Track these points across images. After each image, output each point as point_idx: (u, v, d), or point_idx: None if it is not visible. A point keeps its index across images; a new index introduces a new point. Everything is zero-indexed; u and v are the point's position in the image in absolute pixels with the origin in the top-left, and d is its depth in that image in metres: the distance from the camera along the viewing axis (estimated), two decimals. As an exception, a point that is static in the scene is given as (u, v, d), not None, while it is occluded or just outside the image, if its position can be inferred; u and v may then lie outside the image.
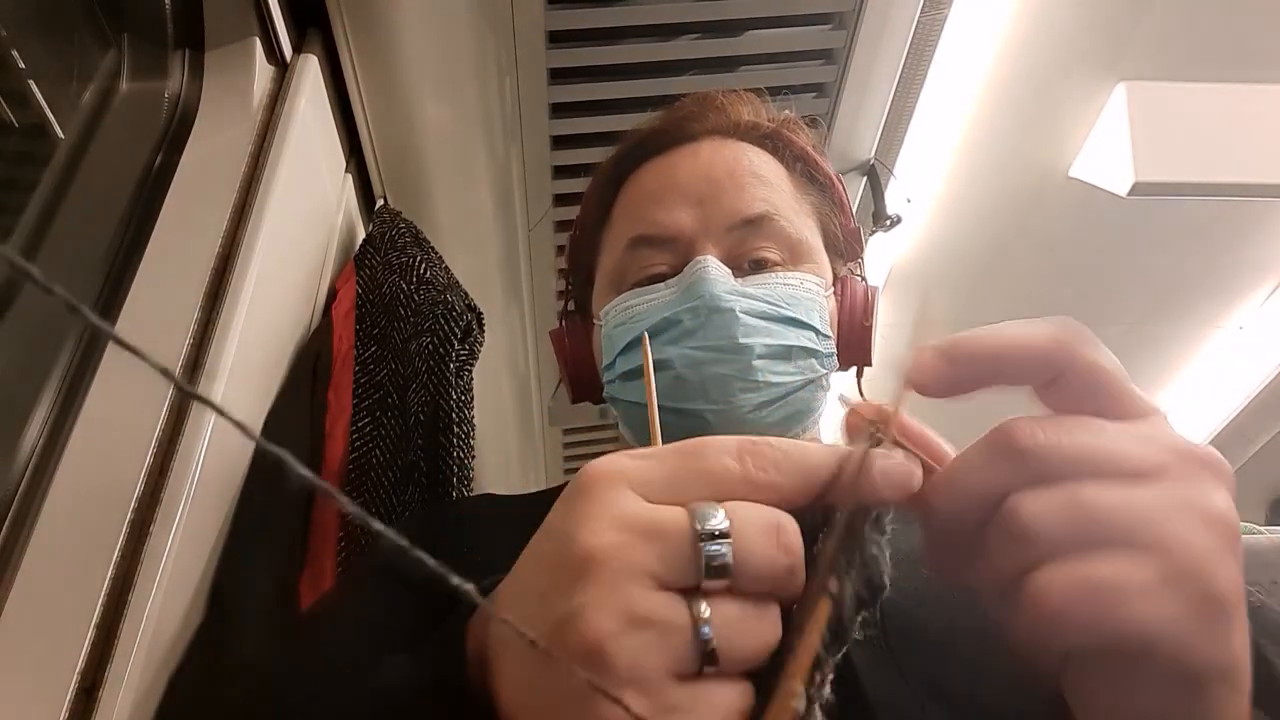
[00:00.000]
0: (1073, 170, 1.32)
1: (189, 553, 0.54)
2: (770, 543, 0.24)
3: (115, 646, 0.47)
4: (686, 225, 0.57)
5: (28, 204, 0.61)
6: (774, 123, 0.64)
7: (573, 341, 0.67)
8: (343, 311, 0.80)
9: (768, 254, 0.57)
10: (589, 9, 0.94)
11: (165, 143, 0.71)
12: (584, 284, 0.67)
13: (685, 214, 0.57)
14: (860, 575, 0.25)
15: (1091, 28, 1.15)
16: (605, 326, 0.60)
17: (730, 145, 0.61)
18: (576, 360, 0.66)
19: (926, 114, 1.16)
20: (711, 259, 0.55)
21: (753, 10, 0.97)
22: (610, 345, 0.59)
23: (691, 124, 0.62)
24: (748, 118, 0.63)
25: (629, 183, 0.63)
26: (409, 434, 0.75)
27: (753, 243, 0.57)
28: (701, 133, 0.62)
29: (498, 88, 0.99)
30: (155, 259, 0.64)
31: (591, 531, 0.24)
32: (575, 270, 0.68)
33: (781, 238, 0.58)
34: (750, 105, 0.64)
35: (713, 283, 0.54)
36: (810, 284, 0.57)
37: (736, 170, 0.59)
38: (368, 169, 1.01)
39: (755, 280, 0.56)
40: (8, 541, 0.49)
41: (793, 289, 0.56)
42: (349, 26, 0.87)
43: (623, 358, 0.58)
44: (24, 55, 0.63)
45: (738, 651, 0.23)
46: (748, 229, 0.57)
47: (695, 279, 0.55)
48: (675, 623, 0.23)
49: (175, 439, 0.55)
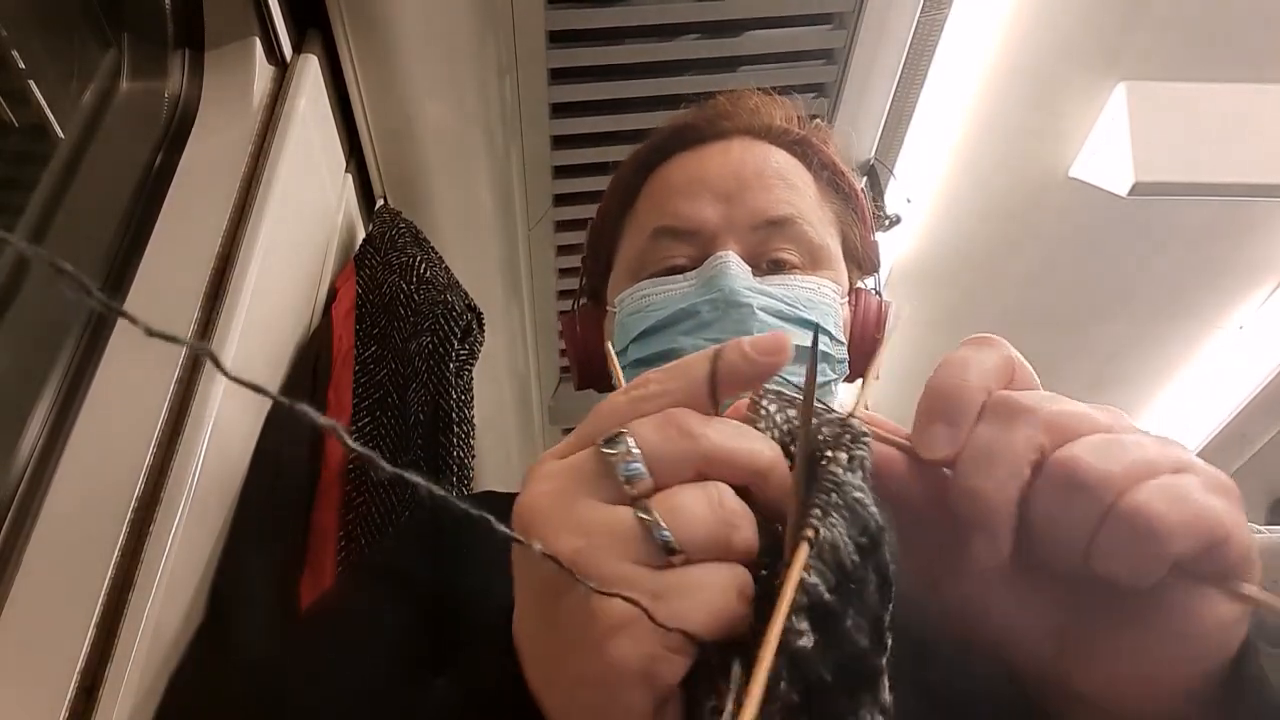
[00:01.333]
0: (1073, 170, 1.32)
1: (189, 553, 0.54)
2: (663, 430, 0.26)
3: (115, 646, 0.47)
4: (711, 220, 0.58)
5: (28, 204, 0.61)
6: (805, 129, 0.64)
7: (584, 327, 0.67)
8: (343, 311, 0.80)
9: (788, 256, 0.58)
10: (589, 9, 0.94)
11: (165, 142, 0.71)
12: (602, 270, 0.67)
13: (710, 209, 0.58)
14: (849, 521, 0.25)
15: (1091, 28, 1.15)
16: (619, 313, 0.60)
17: (760, 146, 0.62)
18: (587, 347, 0.67)
19: (926, 114, 1.16)
20: (733, 255, 0.56)
21: (753, 10, 0.97)
22: (624, 332, 0.59)
23: (724, 121, 0.63)
24: (780, 122, 0.63)
25: (657, 174, 0.63)
26: (409, 434, 0.75)
27: (774, 244, 0.57)
28: (733, 131, 0.62)
29: (498, 88, 0.99)
30: (155, 259, 0.64)
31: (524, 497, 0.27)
32: (594, 256, 0.69)
33: (803, 242, 0.58)
34: (784, 109, 0.65)
35: (733, 278, 0.54)
36: (827, 289, 0.58)
37: (765, 171, 0.59)
38: (368, 169, 1.01)
39: (774, 280, 0.56)
40: (8, 541, 0.49)
41: (810, 292, 0.57)
42: (349, 26, 0.87)
43: (635, 345, 0.58)
44: (24, 55, 0.63)
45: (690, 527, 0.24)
46: (771, 229, 0.57)
47: (716, 272, 0.55)
48: (619, 520, 0.25)
49: (175, 439, 0.55)
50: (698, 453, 0.26)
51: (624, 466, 0.25)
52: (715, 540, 0.25)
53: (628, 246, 0.63)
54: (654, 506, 0.25)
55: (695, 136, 0.63)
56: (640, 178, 0.64)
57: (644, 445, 0.26)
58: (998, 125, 1.26)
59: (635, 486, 0.25)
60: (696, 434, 0.26)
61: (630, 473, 0.25)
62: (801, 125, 0.64)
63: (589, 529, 0.25)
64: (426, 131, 0.99)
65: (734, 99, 0.65)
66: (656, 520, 0.24)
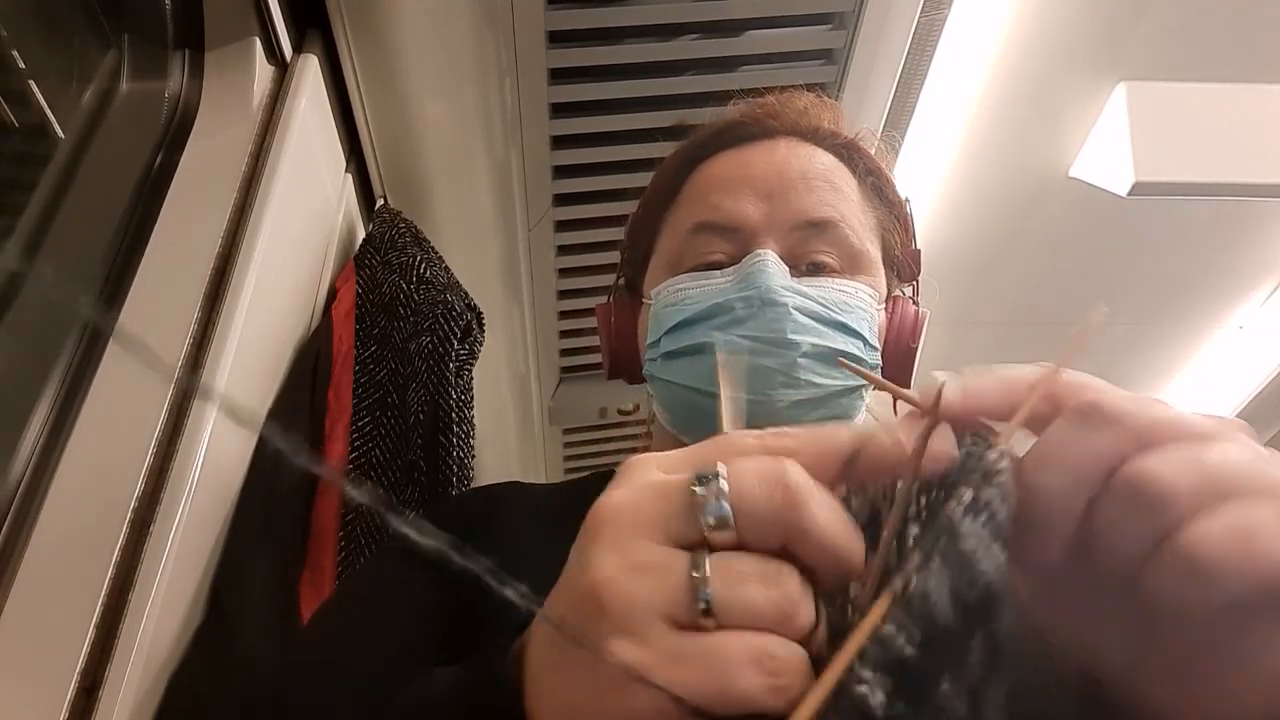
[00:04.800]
0: (1073, 170, 1.32)
1: (189, 553, 0.54)
2: (768, 486, 0.24)
3: (115, 646, 0.47)
4: (752, 217, 0.58)
5: (28, 204, 0.61)
6: (852, 134, 0.64)
7: (618, 317, 0.67)
8: (343, 311, 0.80)
9: (827, 259, 0.58)
10: (589, 9, 0.94)
11: (165, 143, 0.71)
12: (639, 262, 0.67)
13: (752, 206, 0.58)
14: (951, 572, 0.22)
15: (1091, 28, 1.15)
16: (655, 305, 0.60)
17: (806, 148, 0.62)
18: (620, 336, 0.66)
19: (926, 114, 1.16)
20: (771, 253, 0.56)
21: (753, 10, 0.97)
22: (657, 324, 0.59)
23: (771, 121, 0.63)
24: (828, 125, 0.63)
25: (700, 169, 0.63)
26: (409, 434, 0.76)
27: (814, 245, 0.57)
28: (780, 131, 0.62)
29: (498, 88, 0.99)
30: (155, 259, 0.64)
31: (608, 496, 0.26)
32: (632, 247, 0.68)
33: (843, 246, 0.58)
34: (831, 113, 0.65)
35: (770, 276, 0.54)
36: (864, 294, 0.58)
37: (809, 173, 0.59)
38: (368, 169, 1.01)
39: (812, 282, 0.56)
40: (8, 541, 0.49)
41: (847, 296, 0.56)
42: (349, 26, 0.87)
43: (668, 337, 0.58)
44: (24, 55, 0.63)
45: (738, 603, 0.23)
46: (811, 231, 0.57)
47: (754, 270, 0.55)
48: (671, 569, 0.24)
49: (175, 439, 0.55)
50: (795, 526, 0.24)
51: (710, 506, 0.24)
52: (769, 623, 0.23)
53: (667, 240, 0.63)
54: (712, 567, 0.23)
55: (742, 134, 0.63)
56: (684, 173, 0.64)
57: (739, 492, 0.24)
58: (998, 125, 1.26)
59: (714, 534, 0.24)
60: (800, 504, 0.24)
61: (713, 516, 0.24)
62: (850, 131, 0.64)
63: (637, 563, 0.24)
64: (426, 132, 0.99)
65: (783, 99, 0.65)
66: (705, 582, 0.23)
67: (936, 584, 0.22)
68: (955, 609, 0.22)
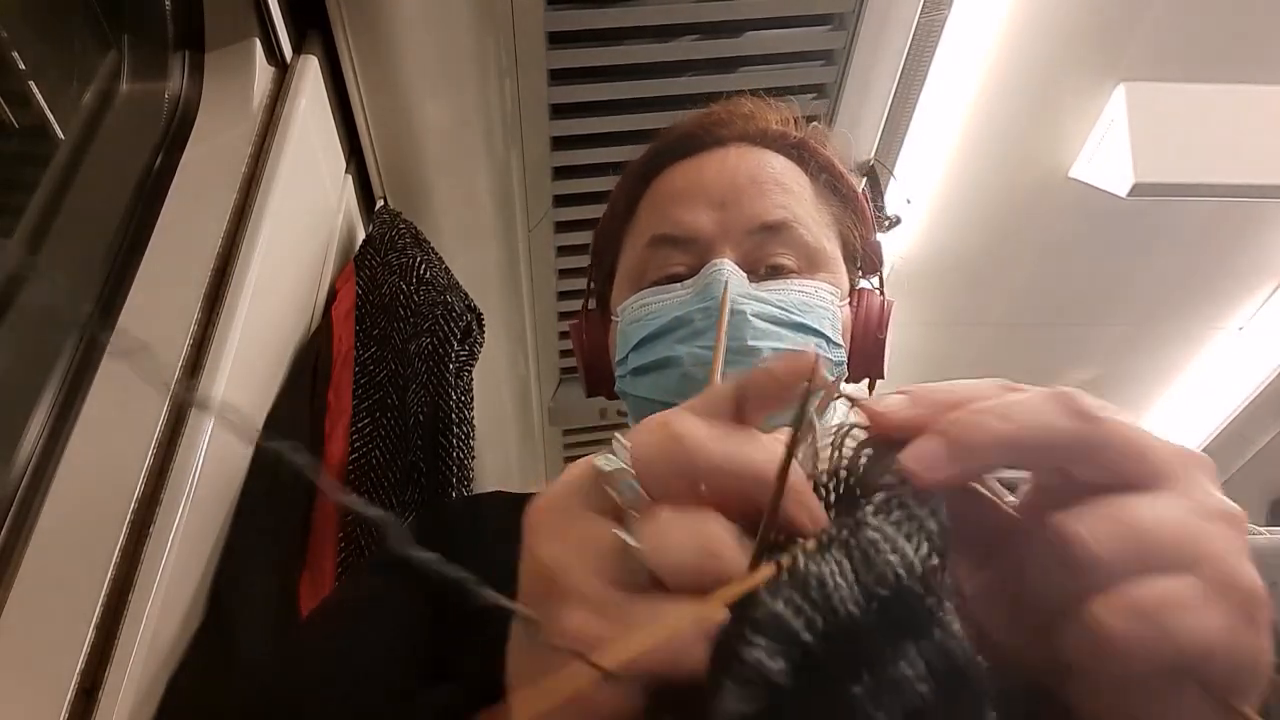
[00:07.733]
0: (1073, 171, 1.32)
1: (189, 553, 0.54)
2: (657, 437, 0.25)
3: (115, 647, 0.47)
4: (706, 227, 0.58)
5: (28, 205, 0.61)
6: (802, 132, 0.64)
7: (590, 335, 0.68)
8: (343, 312, 0.80)
9: (785, 260, 0.58)
10: (590, 10, 0.94)
11: (165, 143, 0.72)
12: (605, 279, 0.68)
13: (706, 216, 0.58)
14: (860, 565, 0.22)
15: (1091, 28, 1.15)
16: (621, 322, 0.61)
17: (756, 152, 0.62)
18: (593, 353, 0.67)
19: (926, 114, 1.16)
20: (728, 262, 0.56)
21: (753, 11, 0.97)
22: (624, 341, 0.60)
23: (720, 129, 0.63)
24: (776, 126, 0.64)
25: (656, 183, 0.64)
26: (409, 434, 0.76)
27: (771, 248, 0.58)
28: (730, 138, 0.63)
29: (498, 89, 0.99)
30: (155, 260, 0.64)
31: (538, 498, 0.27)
32: (598, 265, 0.69)
33: (799, 245, 0.58)
34: (779, 113, 0.65)
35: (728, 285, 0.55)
36: (824, 292, 0.58)
37: (760, 176, 0.60)
38: (368, 169, 1.01)
39: (770, 285, 0.56)
40: (8, 541, 0.49)
41: (806, 296, 0.57)
42: (349, 27, 0.87)
43: (635, 353, 0.59)
44: (24, 56, 0.63)
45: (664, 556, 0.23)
46: (766, 234, 0.58)
47: (711, 280, 0.55)
48: (604, 536, 0.24)
49: (175, 439, 0.55)
50: (690, 464, 0.24)
51: (617, 473, 0.25)
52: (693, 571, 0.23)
53: (628, 256, 0.64)
54: (637, 526, 0.24)
55: (692, 145, 0.63)
56: (639, 188, 0.65)
57: (636, 452, 0.25)
58: (998, 125, 1.26)
59: (628, 497, 0.25)
60: (686, 439, 0.24)
61: (621, 481, 0.25)
62: (799, 128, 0.64)
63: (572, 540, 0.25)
64: (426, 132, 0.99)
65: (729, 106, 0.65)
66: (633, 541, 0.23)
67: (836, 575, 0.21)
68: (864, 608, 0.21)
